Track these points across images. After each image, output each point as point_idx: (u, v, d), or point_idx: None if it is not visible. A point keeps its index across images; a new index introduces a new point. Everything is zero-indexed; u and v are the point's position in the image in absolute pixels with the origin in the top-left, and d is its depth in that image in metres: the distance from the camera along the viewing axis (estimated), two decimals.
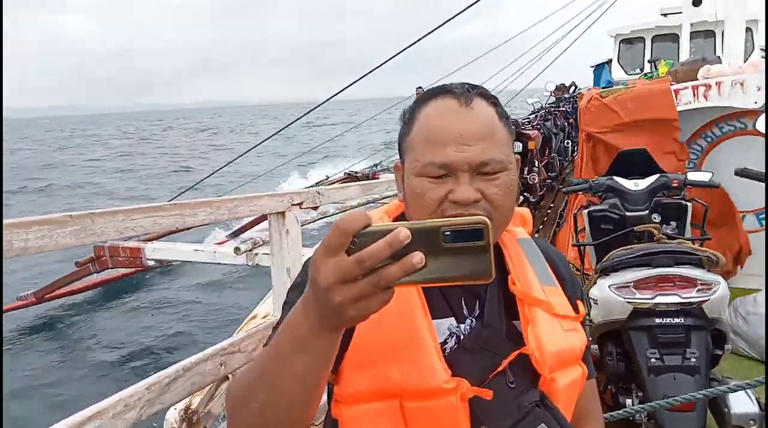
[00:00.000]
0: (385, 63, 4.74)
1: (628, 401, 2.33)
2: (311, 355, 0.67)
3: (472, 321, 0.92)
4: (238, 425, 0.77)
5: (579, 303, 1.04)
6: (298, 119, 4.90)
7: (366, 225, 0.59)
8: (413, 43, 4.76)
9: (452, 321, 0.91)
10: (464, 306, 0.93)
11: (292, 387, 0.69)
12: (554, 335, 0.93)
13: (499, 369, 0.88)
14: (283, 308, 0.90)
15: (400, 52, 4.67)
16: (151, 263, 5.93)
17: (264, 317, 1.77)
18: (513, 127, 0.98)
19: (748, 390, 2.08)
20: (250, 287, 8.00)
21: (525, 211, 1.11)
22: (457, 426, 0.83)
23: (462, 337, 0.90)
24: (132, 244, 5.55)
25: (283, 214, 1.61)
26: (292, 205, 1.62)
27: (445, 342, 0.90)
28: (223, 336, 1.50)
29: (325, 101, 4.75)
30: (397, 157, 0.99)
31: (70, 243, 0.90)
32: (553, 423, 0.86)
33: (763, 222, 3.86)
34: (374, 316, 0.84)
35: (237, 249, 4.40)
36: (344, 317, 0.61)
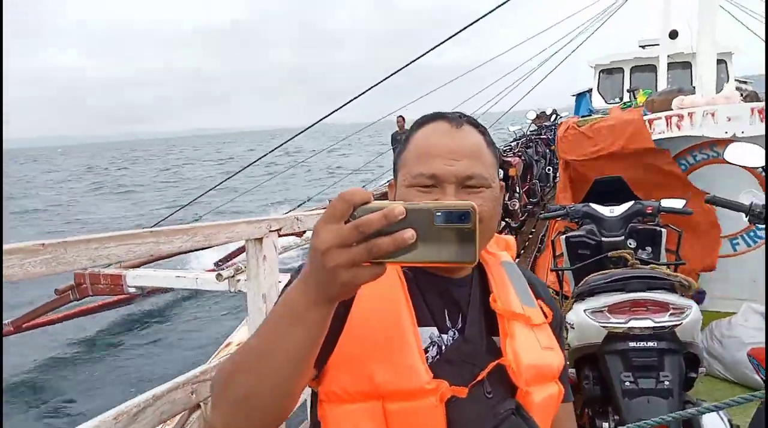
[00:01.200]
0: (369, 90, 4.82)
1: (605, 424, 2.34)
2: (305, 327, 0.70)
3: (454, 334, 0.95)
4: (221, 409, 0.78)
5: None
6: (276, 148, 4.98)
7: (366, 200, 0.64)
8: (397, 71, 4.85)
9: (434, 330, 0.94)
10: (447, 318, 0.96)
11: (281, 365, 0.72)
12: (531, 350, 0.97)
13: (478, 378, 0.91)
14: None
15: (386, 79, 4.76)
16: (132, 290, 5.86)
17: (238, 344, 1.77)
18: (499, 155, 1.06)
19: (720, 412, 2.11)
20: (233, 314, 7.94)
21: (510, 239, 1.18)
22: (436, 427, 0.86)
23: (444, 348, 0.93)
24: (113, 271, 5.48)
25: (260, 240, 1.63)
26: (270, 231, 1.64)
27: (425, 351, 0.92)
28: (199, 365, 1.50)
29: (306, 128, 4.82)
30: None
31: (41, 272, 0.91)
32: None
33: (737, 247, 3.94)
34: (361, 317, 0.87)
35: (219, 276, 4.38)
36: (337, 281, 0.65)
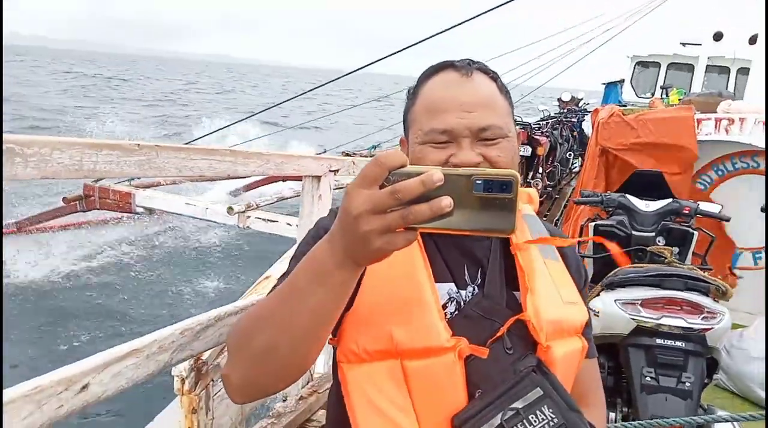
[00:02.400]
0: (403, 50, 4.70)
1: (611, 415, 2.36)
2: (330, 288, 0.69)
3: (474, 289, 0.93)
4: (238, 362, 0.79)
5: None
6: (307, 92, 4.86)
7: (402, 164, 0.61)
8: (434, 35, 4.73)
9: (452, 286, 0.93)
10: (466, 273, 0.94)
11: (302, 322, 0.71)
12: (552, 304, 0.94)
13: (498, 335, 0.89)
14: (290, 262, 0.92)
15: (422, 41, 4.64)
16: (139, 210, 5.82)
17: (280, 277, 1.74)
18: (522, 127, 1.01)
19: (735, 424, 2.12)
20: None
21: (532, 191, 1.13)
22: (455, 385, 0.85)
23: (462, 304, 0.92)
24: (123, 188, 5.43)
25: (318, 178, 1.58)
26: (330, 170, 1.59)
27: (444, 307, 0.91)
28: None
29: (337, 78, 4.71)
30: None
31: (134, 172, 0.86)
32: (549, 388, 0.87)
33: (759, 261, 3.92)
34: (378, 276, 0.85)
35: (230, 209, 4.33)
36: (369, 248, 0.63)
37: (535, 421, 0.84)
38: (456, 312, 0.91)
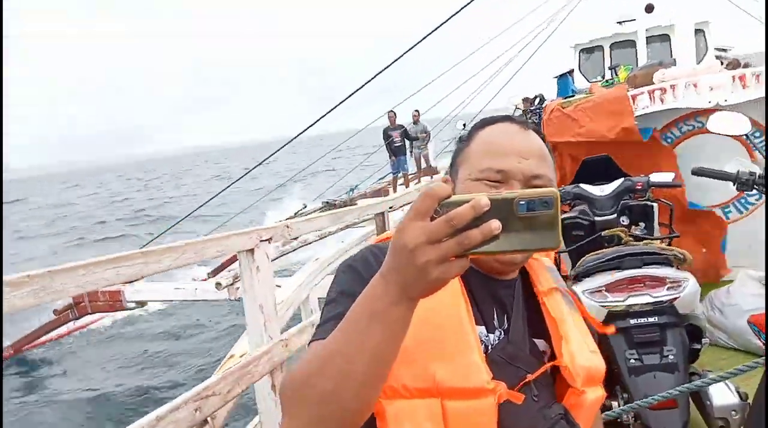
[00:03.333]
0: (350, 96, 4.82)
1: (615, 404, 2.35)
2: (387, 326, 0.69)
3: (500, 334, 0.96)
4: (298, 412, 0.75)
5: None
6: (261, 163, 4.98)
7: (449, 195, 0.64)
8: (375, 76, 4.86)
9: (482, 329, 0.95)
10: (495, 317, 0.97)
11: (363, 365, 0.70)
12: (584, 353, 0.98)
13: (527, 380, 0.92)
14: (327, 305, 0.92)
15: (363, 86, 4.77)
16: (131, 305, 5.85)
17: (241, 356, 1.76)
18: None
19: (727, 381, 2.12)
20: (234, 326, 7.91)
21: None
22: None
23: (490, 347, 0.94)
24: (112, 288, 5.48)
25: (252, 251, 1.62)
26: (261, 241, 1.63)
27: None
28: (196, 382, 1.49)
29: (290, 141, 4.82)
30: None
31: (29, 303, 0.90)
32: None
33: (729, 215, 3.95)
34: (421, 314, 0.82)
35: (218, 285, 4.36)
36: (427, 279, 0.65)
37: None
38: (484, 356, 0.92)
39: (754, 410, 2.02)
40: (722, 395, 2.12)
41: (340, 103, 3.77)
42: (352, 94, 4.16)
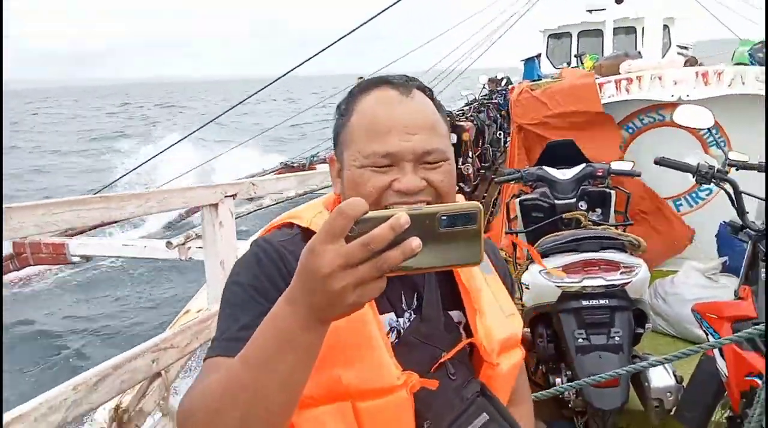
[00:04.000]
0: (331, 45, 4.73)
1: (558, 380, 2.44)
2: (299, 353, 0.65)
3: (410, 315, 0.93)
4: None
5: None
6: (238, 104, 4.81)
7: (365, 211, 0.59)
8: (357, 28, 4.78)
9: (392, 315, 0.91)
10: (403, 300, 0.93)
11: (275, 392, 0.66)
12: (499, 323, 0.95)
13: (443, 360, 0.90)
14: (224, 309, 0.86)
15: (346, 35, 4.68)
16: (75, 259, 5.65)
17: (198, 311, 1.72)
18: (448, 118, 1.01)
19: (666, 366, 2.23)
20: (185, 280, 7.78)
21: (461, 200, 1.14)
22: (406, 420, 0.84)
23: (402, 332, 0.91)
24: (55, 240, 5.25)
25: (216, 205, 1.58)
26: (225, 196, 1.58)
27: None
28: (156, 333, 1.46)
29: (268, 85, 4.68)
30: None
31: None
32: (493, 412, 0.89)
33: (680, 208, 4.11)
34: None
35: (169, 243, 4.24)
36: (342, 305, 0.61)
37: None
38: (396, 341, 0.89)
39: (688, 392, 2.14)
40: (660, 377, 2.23)
41: (324, 49, 3.68)
42: (330, 45, 4.07)
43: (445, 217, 0.61)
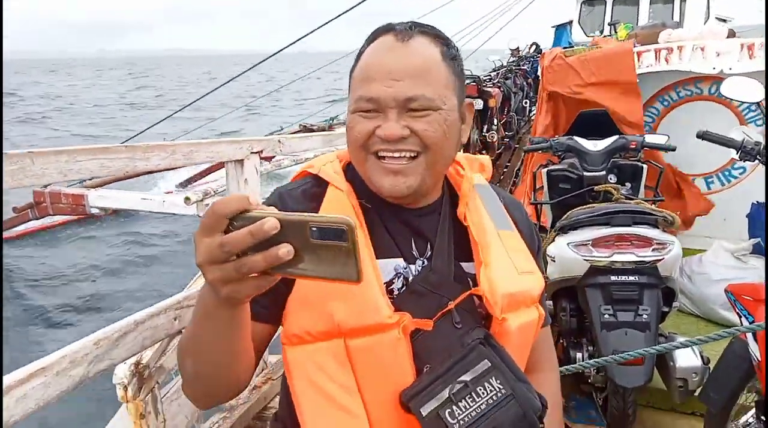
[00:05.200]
0: (341, 15, 4.60)
1: (579, 355, 2.40)
2: (218, 323, 0.71)
3: (423, 263, 0.92)
4: (183, 382, 0.85)
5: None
6: (239, 75, 4.76)
7: (243, 209, 0.60)
8: (359, 3, 4.64)
9: (399, 261, 0.91)
10: (414, 247, 0.93)
11: (211, 352, 0.76)
12: (508, 277, 0.93)
13: (447, 309, 0.89)
14: None
15: (358, 4, 4.54)
16: (95, 211, 5.68)
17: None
18: (472, 80, 0.99)
19: (693, 347, 2.17)
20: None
21: (485, 159, 1.10)
22: (401, 361, 0.84)
23: (410, 278, 0.91)
24: (75, 190, 5.29)
25: (241, 162, 1.53)
26: (252, 152, 1.53)
27: (391, 283, 0.90)
28: (178, 290, 1.43)
29: (272, 55, 4.59)
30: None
31: (7, 184, 0.80)
32: (496, 360, 0.86)
33: (711, 186, 3.98)
34: None
35: (187, 199, 4.24)
36: (219, 295, 0.64)
37: (483, 393, 0.83)
38: (403, 288, 0.90)
39: (715, 374, 2.09)
40: (686, 358, 2.18)
41: (329, 21, 3.57)
42: (342, 14, 3.95)
43: (315, 228, 0.59)
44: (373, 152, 0.87)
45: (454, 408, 0.81)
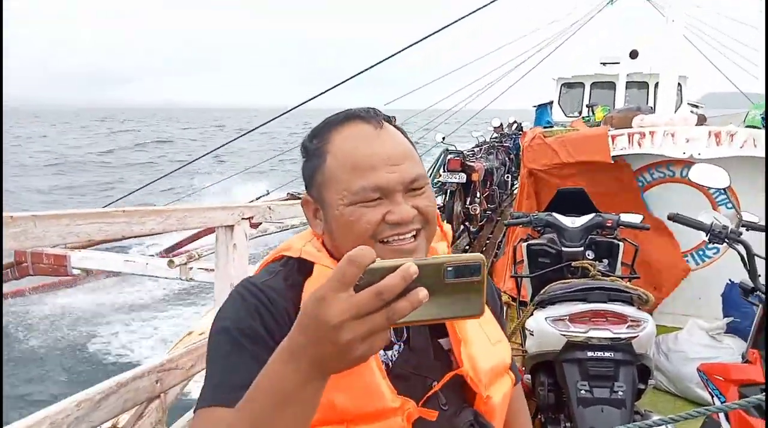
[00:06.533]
0: (347, 80, 4.81)
1: None
2: (301, 407, 0.64)
3: (400, 347, 0.91)
4: None
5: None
6: (240, 137, 4.91)
7: (373, 259, 0.59)
8: (376, 64, 4.88)
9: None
10: (391, 332, 0.90)
11: None
12: (486, 351, 0.94)
13: (432, 391, 0.88)
14: (213, 357, 0.85)
15: (362, 72, 4.77)
16: (76, 272, 5.61)
17: (201, 333, 1.71)
18: (456, 155, 1.02)
19: (667, 426, 2.18)
20: (185, 303, 7.73)
21: (446, 227, 1.11)
22: None
23: (391, 365, 0.89)
24: (57, 251, 5.22)
25: (231, 227, 1.58)
26: (242, 218, 1.58)
27: None
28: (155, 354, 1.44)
29: (277, 117, 4.76)
30: None
31: (10, 245, 0.84)
32: None
33: (700, 262, 4.09)
34: None
35: (171, 262, 4.23)
36: (349, 357, 0.59)
37: None
38: (387, 375, 0.88)
39: None
40: None
41: (342, 83, 3.75)
42: (351, 77, 4.14)
43: (450, 268, 0.60)
44: (380, 240, 0.86)
45: None
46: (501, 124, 11.12)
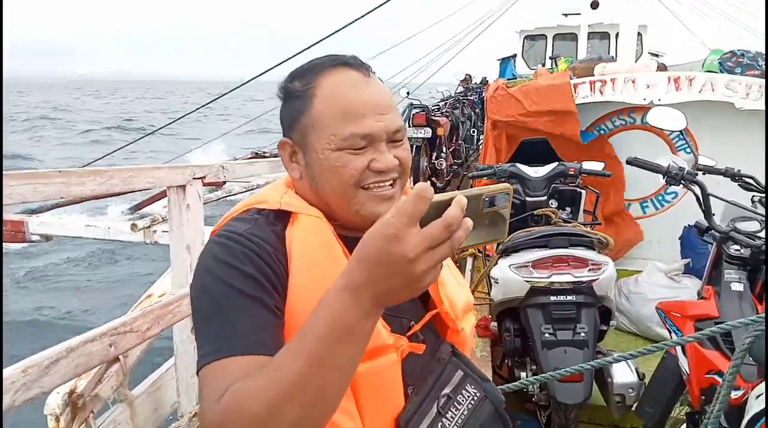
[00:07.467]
0: (299, 53, 4.70)
1: (523, 374, 2.46)
2: (360, 341, 0.67)
3: None
4: None
5: None
6: (201, 107, 4.78)
7: (433, 195, 0.63)
8: (328, 36, 4.76)
9: None
10: None
11: (336, 387, 0.68)
12: (457, 291, 1.01)
13: (414, 329, 0.92)
14: (218, 310, 0.79)
15: (316, 44, 4.65)
16: (35, 238, 5.45)
17: (160, 296, 1.67)
18: (421, 109, 1.03)
19: (628, 362, 2.26)
20: (146, 263, 7.62)
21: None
22: (397, 384, 0.87)
23: None
24: (14, 217, 5.05)
25: (183, 187, 1.53)
26: (194, 178, 1.53)
27: None
28: (115, 316, 1.41)
29: (236, 88, 4.65)
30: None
31: None
32: (466, 368, 0.95)
33: (646, 210, 4.19)
34: (306, 282, 0.82)
35: (134, 226, 4.13)
36: (420, 286, 0.64)
37: (462, 400, 0.93)
38: None
39: (649, 388, 2.18)
40: (623, 373, 2.26)
41: (295, 55, 3.65)
42: (306, 48, 4.04)
43: (487, 199, 0.66)
44: (362, 186, 0.87)
45: (444, 420, 0.89)
46: (467, 76, 11.04)
